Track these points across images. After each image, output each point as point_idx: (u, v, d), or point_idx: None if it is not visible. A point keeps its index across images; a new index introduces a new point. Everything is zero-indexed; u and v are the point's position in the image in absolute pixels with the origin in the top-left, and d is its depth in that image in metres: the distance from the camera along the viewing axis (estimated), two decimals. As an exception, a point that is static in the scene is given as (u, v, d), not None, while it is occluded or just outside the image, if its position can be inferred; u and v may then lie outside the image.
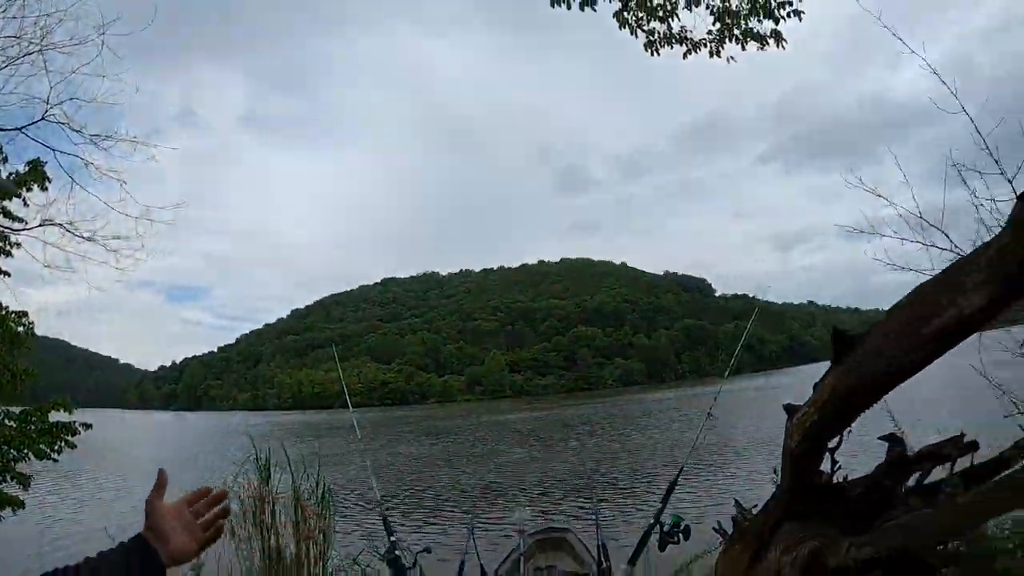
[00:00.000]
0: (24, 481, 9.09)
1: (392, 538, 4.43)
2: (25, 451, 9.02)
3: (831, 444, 2.25)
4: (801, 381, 2.09)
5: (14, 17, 9.19)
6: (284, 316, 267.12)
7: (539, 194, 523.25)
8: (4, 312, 9.44)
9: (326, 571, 6.65)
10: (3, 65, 9.33)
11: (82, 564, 1.36)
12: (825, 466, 2.36)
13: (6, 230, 9.34)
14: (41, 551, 12.33)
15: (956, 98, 4.43)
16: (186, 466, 29.09)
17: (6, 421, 9.13)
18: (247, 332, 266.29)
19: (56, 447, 9.27)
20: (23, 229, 9.55)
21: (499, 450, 32.15)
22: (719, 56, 6.52)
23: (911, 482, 2.39)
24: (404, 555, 4.34)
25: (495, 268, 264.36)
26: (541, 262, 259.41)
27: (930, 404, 17.59)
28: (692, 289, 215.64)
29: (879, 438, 2.55)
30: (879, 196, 4.89)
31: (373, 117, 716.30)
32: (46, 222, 9.66)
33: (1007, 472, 2.16)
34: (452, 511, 16.05)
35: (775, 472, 3.29)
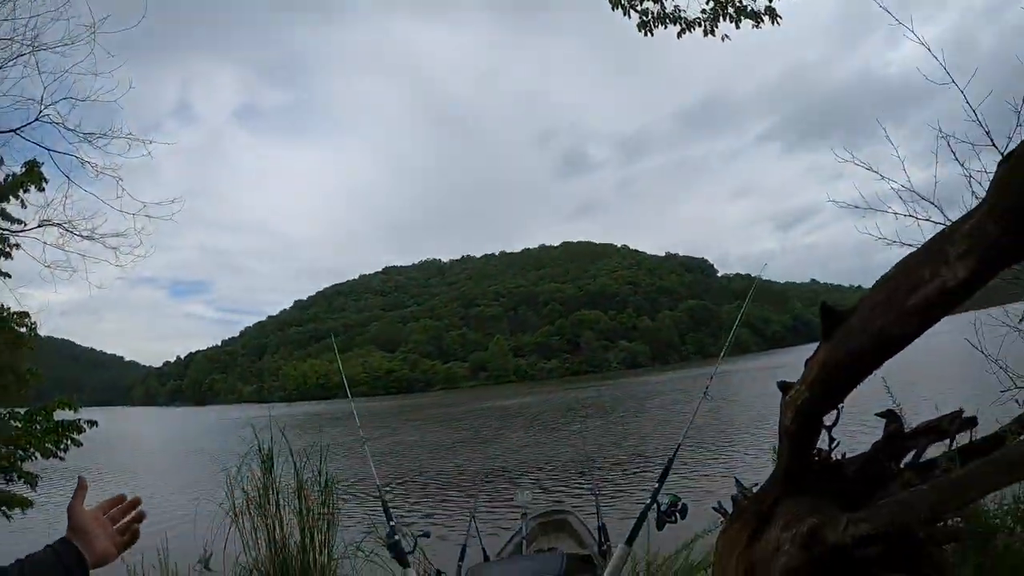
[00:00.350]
0: (31, 480, 9.20)
1: (392, 523, 4.42)
2: (31, 450, 9.10)
3: (828, 421, 2.24)
4: (804, 360, 2.07)
5: (5, 19, 9.20)
6: (287, 308, 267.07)
7: (539, 178, 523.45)
8: (6, 314, 9.49)
9: (331, 558, 6.69)
10: None
11: (12, 565, 1.41)
12: (824, 443, 2.35)
13: (5, 232, 9.39)
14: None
15: (946, 71, 4.40)
16: (191, 459, 29.25)
17: (11, 422, 9.20)
18: (251, 325, 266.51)
19: (62, 445, 9.36)
20: (22, 230, 9.59)
21: (502, 435, 32.19)
22: (713, 35, 6.47)
23: (909, 458, 2.38)
24: (404, 539, 4.34)
25: (496, 253, 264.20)
26: (543, 246, 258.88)
27: (929, 381, 17.56)
28: (694, 269, 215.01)
29: (876, 414, 2.54)
30: (871, 171, 4.86)
31: (369, 105, 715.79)
32: (45, 222, 9.70)
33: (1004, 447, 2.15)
34: (455, 497, 16.10)
35: (774, 450, 3.29)
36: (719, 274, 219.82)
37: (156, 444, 48.45)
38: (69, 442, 9.39)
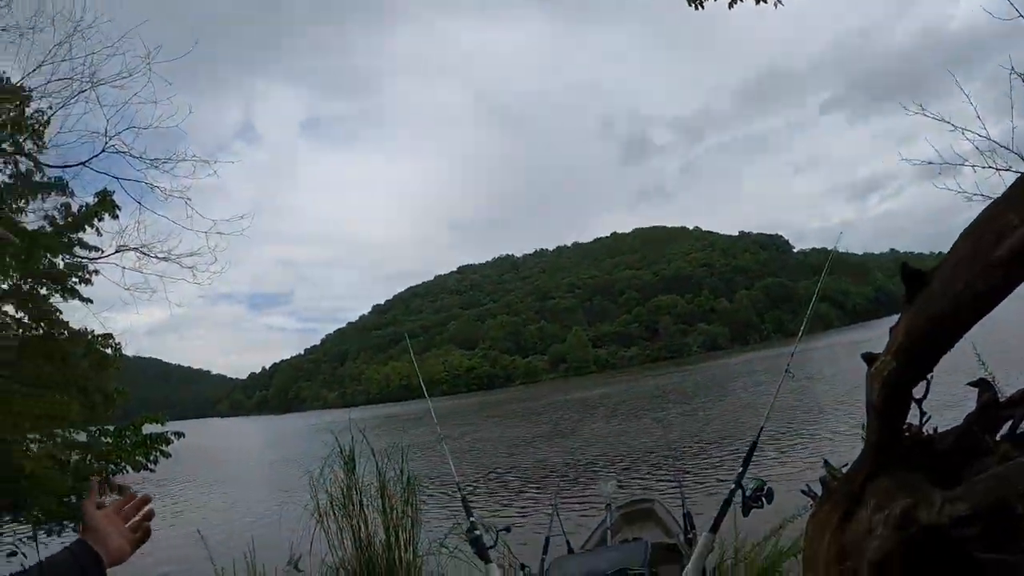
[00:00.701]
0: (123, 493, 9.53)
1: (472, 518, 4.40)
2: (122, 464, 9.47)
3: (918, 394, 2.11)
4: (889, 331, 1.94)
5: (63, 59, 9.72)
6: (366, 313, 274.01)
7: (605, 167, 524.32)
8: (90, 337, 9.88)
9: (416, 555, 6.73)
10: (59, 106, 9.89)
11: (32, 568, 1.43)
12: (914, 417, 2.22)
13: (83, 260, 9.82)
14: (142, 553, 12.84)
15: (1013, 6, 4.18)
16: (276, 465, 29.92)
17: (102, 438, 9.59)
18: (331, 332, 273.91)
19: (152, 457, 9.73)
20: (100, 257, 10.09)
21: (583, 426, 31.98)
22: (765, 2, 6.23)
23: (1004, 430, 2.23)
24: (485, 535, 4.31)
25: (569, 245, 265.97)
26: (614, 234, 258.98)
27: (1023, 347, 16.81)
28: (769, 247, 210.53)
29: (968, 384, 2.39)
30: (944, 122, 4.63)
31: (431, 108, 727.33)
32: (121, 248, 10.24)
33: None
34: (537, 491, 16.01)
35: (862, 428, 3.15)
36: (795, 249, 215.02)
37: (242, 452, 49.61)
38: (158, 454, 9.77)
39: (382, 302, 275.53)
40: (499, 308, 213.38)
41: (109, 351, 10.23)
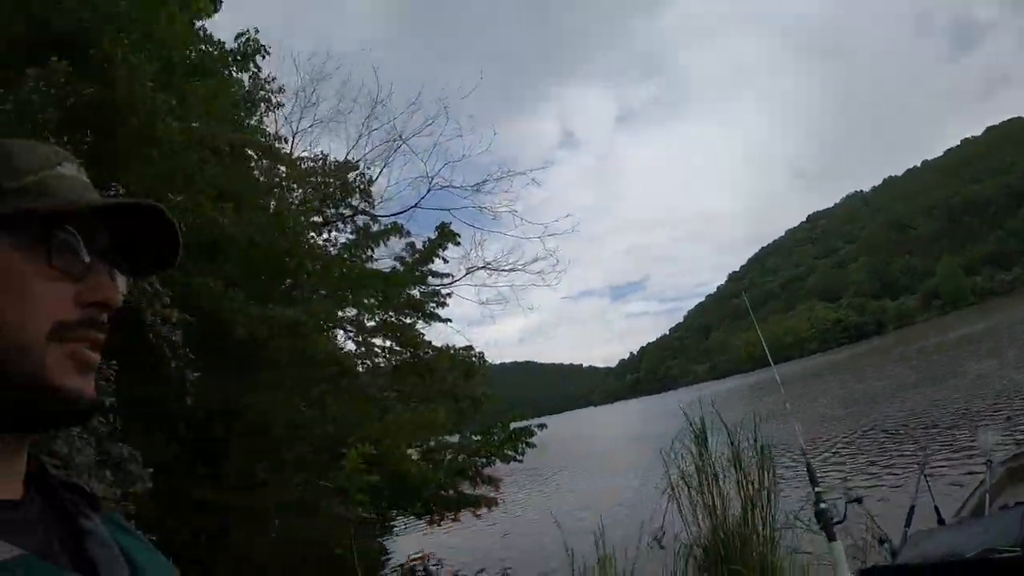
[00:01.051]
0: (494, 483, 10.65)
1: (817, 488, 4.18)
2: (492, 458, 10.54)
3: None
4: None
5: (374, 130, 12.76)
6: (722, 283, 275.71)
7: (932, 68, 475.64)
8: (453, 351, 11.12)
9: (773, 529, 6.57)
10: (382, 165, 12.76)
11: None
12: None
13: (437, 287, 11.31)
14: (508, 534, 14.07)
15: None
16: (633, 446, 30.63)
17: (472, 436, 10.81)
18: (692, 308, 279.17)
19: (519, 449, 10.67)
20: (453, 282, 11.53)
21: (960, 370, 28.19)
22: None
23: None
24: (832, 507, 4.09)
25: (919, 165, 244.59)
26: (965, 140, 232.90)
27: None
28: None
29: None
30: None
31: (733, 64, 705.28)
32: (470, 269, 11.65)
33: None
34: (902, 450, 14.49)
35: None
36: None
37: (606, 438, 50.80)
38: (524, 446, 10.67)
39: (737, 269, 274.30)
40: (856, 250, 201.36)
41: (474, 361, 11.42)
